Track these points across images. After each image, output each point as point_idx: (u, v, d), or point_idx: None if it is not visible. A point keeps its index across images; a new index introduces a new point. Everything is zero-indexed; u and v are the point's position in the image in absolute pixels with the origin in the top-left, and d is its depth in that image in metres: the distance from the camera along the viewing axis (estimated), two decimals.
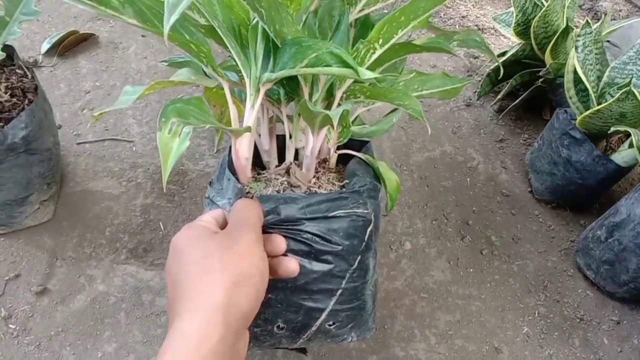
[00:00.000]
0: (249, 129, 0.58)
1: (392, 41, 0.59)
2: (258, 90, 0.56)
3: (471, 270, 1.05)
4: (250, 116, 0.57)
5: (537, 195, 1.21)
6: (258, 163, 0.69)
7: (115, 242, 1.01)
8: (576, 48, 0.99)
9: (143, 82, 1.34)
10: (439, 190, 1.20)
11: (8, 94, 0.88)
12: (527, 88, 1.33)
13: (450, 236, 1.11)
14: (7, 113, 0.87)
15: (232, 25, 0.55)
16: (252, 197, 0.58)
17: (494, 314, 0.99)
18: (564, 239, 1.14)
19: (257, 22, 0.53)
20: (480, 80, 1.44)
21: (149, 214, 1.06)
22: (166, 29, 0.36)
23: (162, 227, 1.04)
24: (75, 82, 1.32)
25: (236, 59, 0.53)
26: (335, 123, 0.51)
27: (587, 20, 0.97)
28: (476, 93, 1.43)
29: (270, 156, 0.69)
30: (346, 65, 0.51)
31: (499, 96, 1.37)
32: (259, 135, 0.67)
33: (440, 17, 1.73)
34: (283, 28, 0.51)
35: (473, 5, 1.78)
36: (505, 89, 1.33)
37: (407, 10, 0.56)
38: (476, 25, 1.67)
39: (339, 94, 0.63)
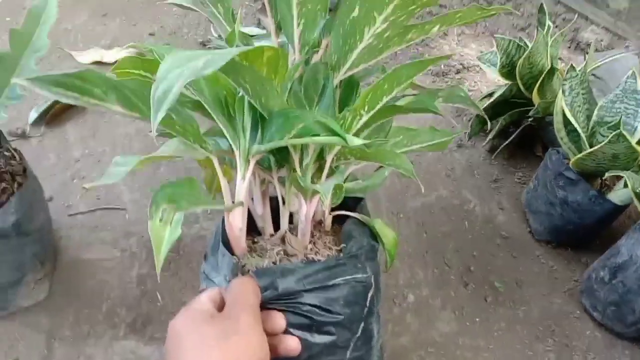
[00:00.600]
0: (241, 204, 0.57)
1: (377, 107, 0.60)
2: (248, 161, 0.55)
3: (477, 319, 1.04)
4: (242, 188, 0.56)
5: (536, 235, 1.20)
6: (252, 227, 0.68)
7: (112, 317, 0.99)
8: (563, 92, 1.00)
9: (132, 146, 1.34)
10: (438, 236, 1.19)
11: None
12: (517, 126, 1.34)
13: (453, 284, 1.10)
14: None
15: (218, 97, 0.55)
16: (248, 272, 0.57)
17: None
18: (567, 279, 1.13)
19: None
20: (469, 121, 1.44)
21: (145, 285, 1.04)
22: (154, 126, 0.35)
23: (159, 297, 1.02)
24: (64, 151, 1.31)
25: (224, 131, 0.54)
26: (327, 200, 0.50)
27: (571, 65, 0.98)
28: (467, 134, 1.43)
29: (264, 221, 0.68)
30: (334, 133, 0.50)
31: (490, 136, 1.37)
32: (252, 199, 0.67)
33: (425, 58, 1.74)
34: (269, 101, 0.51)
35: (456, 44, 1.80)
36: (496, 128, 1.34)
37: (390, 78, 0.57)
38: (461, 64, 1.69)
39: (329, 158, 0.63)
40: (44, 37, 0.84)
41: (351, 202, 0.72)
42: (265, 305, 0.53)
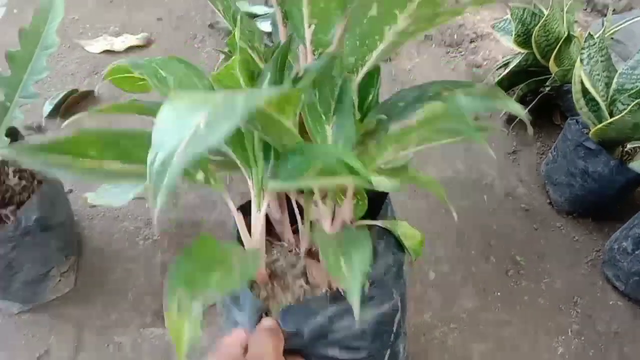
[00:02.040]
0: (258, 245, 0.53)
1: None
2: (262, 191, 0.51)
3: (499, 293, 1.04)
4: (258, 222, 0.52)
5: (556, 206, 1.18)
6: (268, 229, 0.66)
7: (139, 305, 1.01)
8: (581, 61, 0.97)
9: None
10: (457, 212, 1.18)
11: (17, 177, 0.88)
12: (534, 94, 1.31)
13: (474, 260, 1.09)
14: (18, 196, 0.87)
15: None
16: (270, 313, 0.55)
17: (526, 337, 0.97)
18: (589, 250, 1.12)
19: None
20: None
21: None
22: (154, 217, 0.30)
23: None
24: None
25: (234, 159, 0.50)
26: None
27: (589, 33, 0.95)
28: None
29: (283, 226, 0.66)
30: (357, 174, 0.46)
31: None
32: (268, 204, 0.65)
33: (437, 28, 1.70)
34: (282, 139, 0.47)
35: (469, 12, 1.75)
36: (513, 98, 1.31)
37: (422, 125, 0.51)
38: (475, 33, 1.65)
39: (351, 188, 0.58)
40: (52, 34, 0.84)
41: (373, 200, 0.69)
42: (290, 350, 0.51)
